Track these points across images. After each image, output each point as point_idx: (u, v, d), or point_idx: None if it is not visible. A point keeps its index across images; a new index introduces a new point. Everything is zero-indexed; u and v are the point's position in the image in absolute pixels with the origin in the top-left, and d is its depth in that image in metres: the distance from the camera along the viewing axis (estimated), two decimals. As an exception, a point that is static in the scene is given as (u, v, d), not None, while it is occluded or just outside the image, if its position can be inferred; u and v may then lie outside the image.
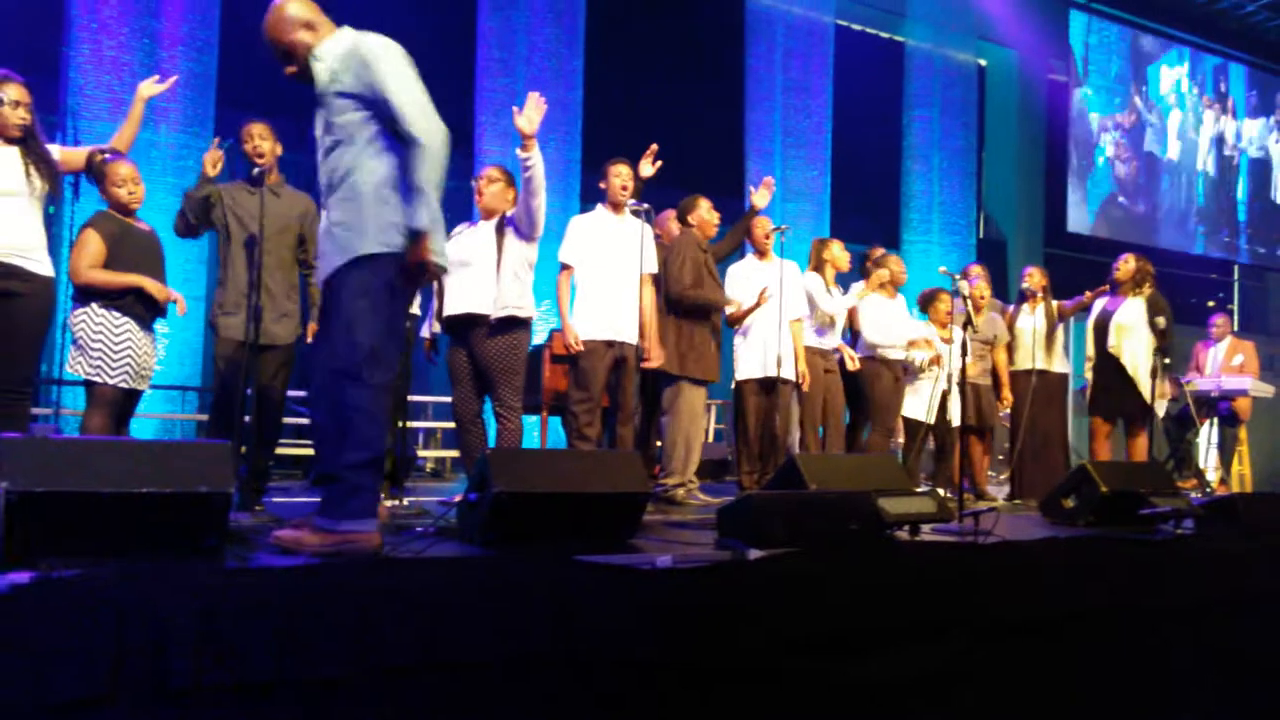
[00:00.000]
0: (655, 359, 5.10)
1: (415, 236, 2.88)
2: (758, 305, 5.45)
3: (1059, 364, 6.46)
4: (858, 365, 6.00)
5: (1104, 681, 3.25)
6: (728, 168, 9.56)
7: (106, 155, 4.08)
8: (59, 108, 6.74)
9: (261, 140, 4.13)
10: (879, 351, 6.02)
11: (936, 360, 6.12)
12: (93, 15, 7.03)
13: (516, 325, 4.51)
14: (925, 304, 6.45)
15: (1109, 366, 6.28)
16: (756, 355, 5.56)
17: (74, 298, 3.97)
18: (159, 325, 4.18)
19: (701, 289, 5.28)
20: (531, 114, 4.09)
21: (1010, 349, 6.50)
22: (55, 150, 4.02)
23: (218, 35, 7.48)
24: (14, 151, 3.77)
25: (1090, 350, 6.46)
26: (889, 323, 6.07)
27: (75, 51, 6.97)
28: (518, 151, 4.25)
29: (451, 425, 4.76)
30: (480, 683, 2.24)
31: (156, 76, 4.44)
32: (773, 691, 2.60)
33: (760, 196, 5.66)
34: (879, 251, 6.65)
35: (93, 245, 3.92)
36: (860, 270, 6.51)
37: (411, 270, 2.92)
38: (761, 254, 5.75)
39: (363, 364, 2.90)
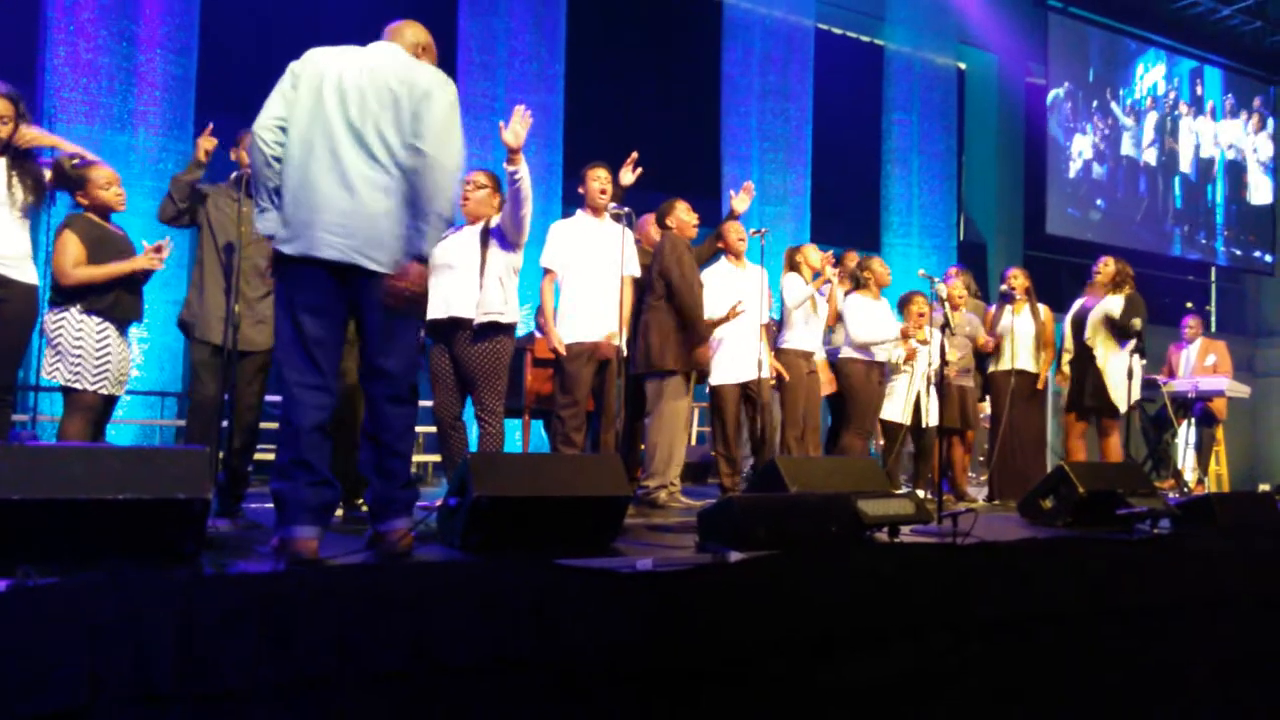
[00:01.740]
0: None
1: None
2: (728, 318, 5.46)
3: (1040, 365, 6.52)
4: (834, 387, 6.06)
5: (1083, 680, 3.28)
6: (705, 171, 9.59)
7: (76, 161, 4.06)
8: (36, 112, 6.69)
9: None
10: (863, 352, 6.06)
11: (912, 355, 6.17)
12: (70, 18, 6.98)
13: (499, 330, 4.51)
14: (902, 306, 6.51)
15: (1084, 363, 6.35)
16: (734, 359, 5.57)
17: (51, 301, 3.95)
18: (138, 330, 4.16)
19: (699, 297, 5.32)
20: (517, 127, 4.08)
21: (996, 349, 6.54)
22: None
23: (197, 38, 7.44)
24: None
25: (1069, 344, 6.53)
26: (874, 321, 6.11)
27: (51, 55, 6.92)
28: (505, 165, 4.24)
29: (433, 429, 4.75)
30: (463, 686, 2.24)
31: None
32: (754, 693, 2.61)
33: (740, 201, 5.69)
34: (852, 257, 6.69)
35: (73, 246, 3.90)
36: (851, 271, 6.54)
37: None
38: (736, 258, 5.77)
39: (281, 368, 3.00)
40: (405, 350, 3.12)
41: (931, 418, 6.16)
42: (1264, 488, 11.19)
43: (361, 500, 4.12)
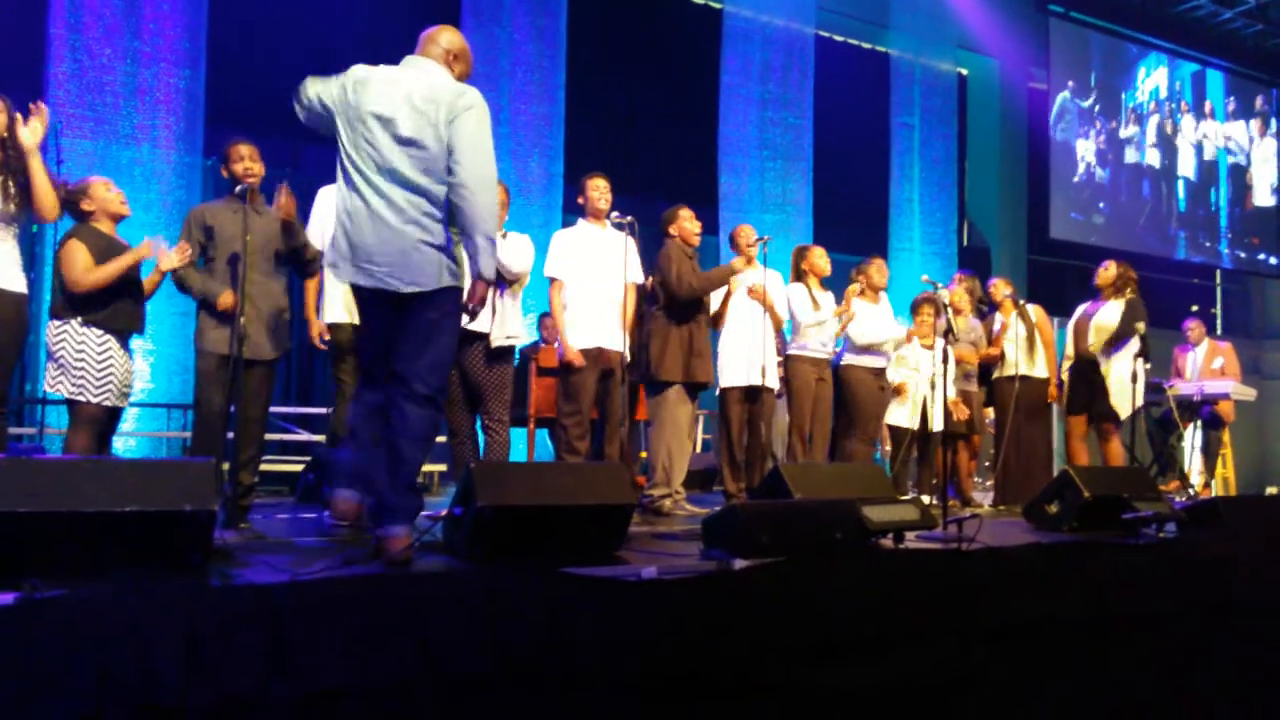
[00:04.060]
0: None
1: None
2: (729, 295, 5.49)
3: (1041, 369, 6.51)
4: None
5: (1089, 686, 3.27)
6: (704, 180, 9.60)
7: (67, 184, 4.06)
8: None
9: (252, 161, 4.17)
10: (864, 357, 6.05)
11: (901, 389, 6.20)
12: (74, 34, 7.02)
13: (512, 349, 4.66)
14: (912, 312, 6.53)
15: (1086, 368, 6.35)
16: (740, 363, 5.57)
17: (52, 312, 3.95)
18: (145, 342, 4.17)
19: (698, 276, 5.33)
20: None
21: (1001, 356, 6.54)
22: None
23: (205, 53, 7.46)
24: None
25: (1070, 350, 6.53)
26: (873, 327, 6.10)
27: (55, 71, 6.95)
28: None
29: (439, 439, 4.76)
30: (468, 696, 2.25)
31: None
32: (759, 701, 2.61)
33: (739, 263, 5.66)
34: (865, 264, 6.67)
35: (81, 254, 3.88)
36: (849, 278, 6.53)
37: None
38: (746, 261, 5.78)
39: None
40: (433, 362, 3.21)
41: (936, 423, 6.16)
42: (1271, 491, 11.16)
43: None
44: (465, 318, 3.36)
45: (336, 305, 4.56)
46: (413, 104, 3.16)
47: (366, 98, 3.18)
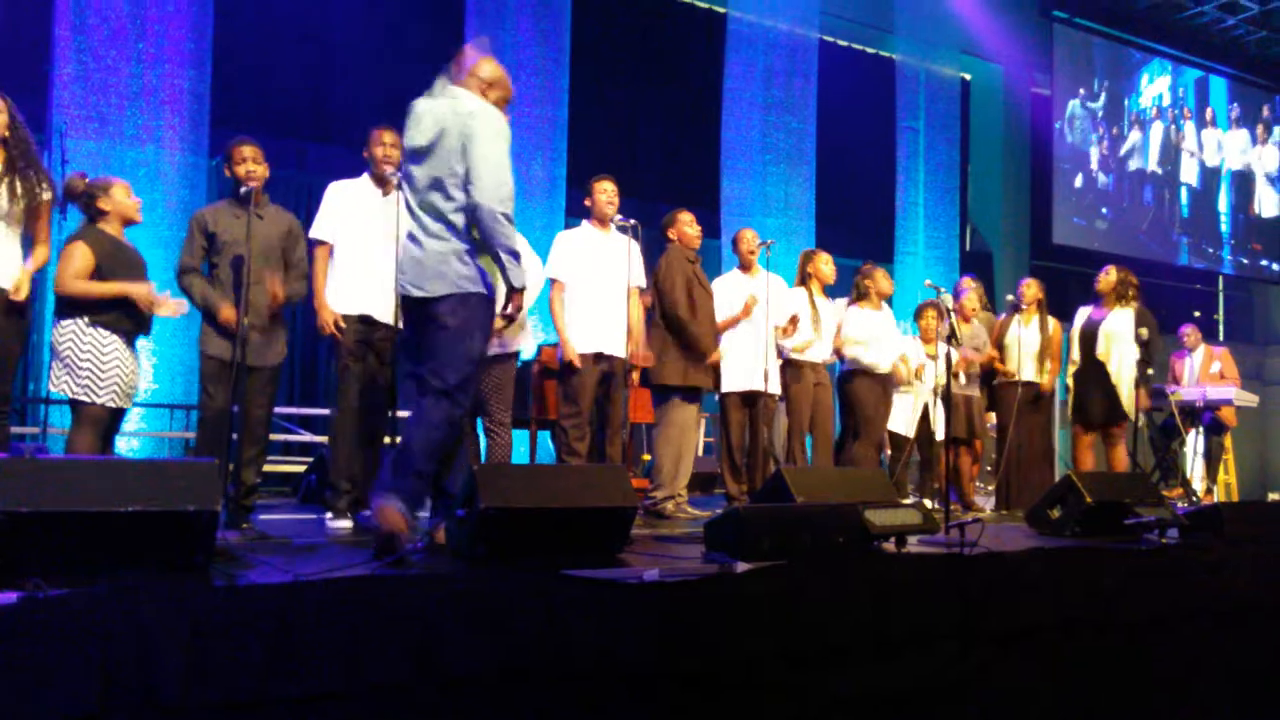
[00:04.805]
0: (644, 360, 5.21)
1: None
2: (744, 314, 5.48)
3: (1047, 376, 6.51)
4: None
5: (1091, 691, 3.27)
6: (706, 184, 9.60)
7: (85, 177, 4.06)
8: (46, 127, 6.73)
9: (255, 164, 4.13)
10: (863, 365, 6.04)
11: (919, 372, 6.18)
12: (81, 35, 7.03)
13: (510, 355, 4.62)
14: (916, 317, 6.52)
15: (1092, 375, 6.33)
16: (740, 368, 5.58)
17: (58, 311, 3.94)
18: (148, 343, 4.16)
19: (694, 312, 5.30)
20: None
21: (1003, 361, 6.53)
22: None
23: (210, 54, 7.46)
24: None
25: (1076, 356, 6.52)
26: (874, 337, 6.09)
27: (61, 71, 6.96)
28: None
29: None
30: (470, 697, 2.25)
31: None
32: (761, 704, 2.61)
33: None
34: (868, 267, 6.67)
35: (79, 257, 3.88)
36: (850, 285, 6.53)
37: None
38: (746, 268, 5.79)
39: None
40: (448, 360, 3.35)
41: (939, 429, 6.15)
42: (1274, 497, 11.15)
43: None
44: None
45: (342, 296, 4.50)
46: (433, 131, 3.37)
47: (406, 136, 3.48)
